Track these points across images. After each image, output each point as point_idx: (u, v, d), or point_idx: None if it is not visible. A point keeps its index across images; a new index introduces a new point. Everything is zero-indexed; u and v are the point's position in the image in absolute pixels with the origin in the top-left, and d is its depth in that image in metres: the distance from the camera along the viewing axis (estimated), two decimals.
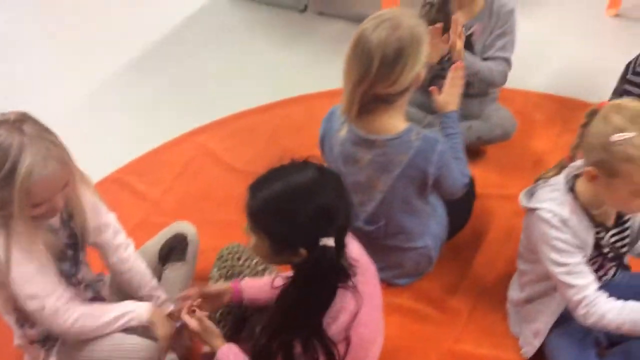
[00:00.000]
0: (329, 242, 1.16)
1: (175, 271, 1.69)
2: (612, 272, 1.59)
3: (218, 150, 2.41)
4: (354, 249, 1.32)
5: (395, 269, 1.81)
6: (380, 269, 1.78)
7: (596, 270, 1.55)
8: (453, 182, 1.65)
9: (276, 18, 3.26)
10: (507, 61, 2.15)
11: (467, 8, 2.11)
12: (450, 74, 1.67)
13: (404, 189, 1.62)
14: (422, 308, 1.79)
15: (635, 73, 1.91)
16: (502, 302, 1.75)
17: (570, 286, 1.43)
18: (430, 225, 1.78)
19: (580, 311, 1.42)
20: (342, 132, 1.60)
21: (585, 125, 1.39)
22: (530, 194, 1.53)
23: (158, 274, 1.69)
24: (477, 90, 2.22)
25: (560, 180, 1.48)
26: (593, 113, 1.38)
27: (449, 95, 1.68)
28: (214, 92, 2.77)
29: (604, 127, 1.32)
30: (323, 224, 1.17)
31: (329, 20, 3.13)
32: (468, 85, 2.20)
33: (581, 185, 1.45)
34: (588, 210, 1.45)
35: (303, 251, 1.19)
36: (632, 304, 1.41)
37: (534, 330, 1.59)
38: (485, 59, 2.14)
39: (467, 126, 2.19)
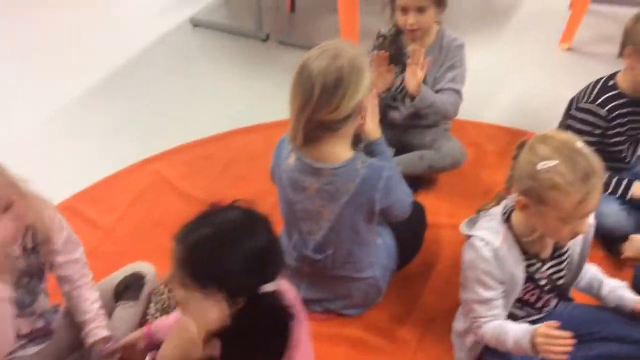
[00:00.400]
0: (270, 287, 1.16)
1: (125, 309, 1.68)
2: (553, 303, 1.63)
3: (174, 177, 2.40)
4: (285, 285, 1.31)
5: (344, 299, 1.82)
6: (329, 300, 1.83)
7: (535, 302, 1.60)
8: (401, 205, 1.70)
9: (238, 47, 3.29)
10: (458, 93, 2.21)
11: (419, 42, 2.17)
12: (370, 103, 1.70)
13: (352, 217, 1.64)
14: (370, 338, 1.80)
15: (577, 109, 1.98)
16: (450, 332, 1.77)
17: (473, 311, 1.53)
18: (378, 255, 1.80)
19: (476, 332, 1.56)
20: (291, 159, 1.63)
21: (515, 157, 1.44)
22: (473, 224, 1.57)
23: (110, 311, 1.67)
24: (430, 121, 2.28)
25: (497, 210, 1.53)
26: (522, 145, 1.43)
27: (373, 124, 1.72)
28: (173, 120, 2.77)
29: (531, 157, 1.37)
30: (260, 269, 1.16)
31: (290, 50, 3.18)
32: (422, 117, 2.27)
33: (516, 216, 1.50)
34: (521, 241, 1.49)
35: (241, 300, 1.16)
36: (505, 326, 1.49)
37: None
38: (436, 92, 2.19)
39: (420, 155, 2.24)
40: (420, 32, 2.13)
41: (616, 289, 1.60)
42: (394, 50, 2.22)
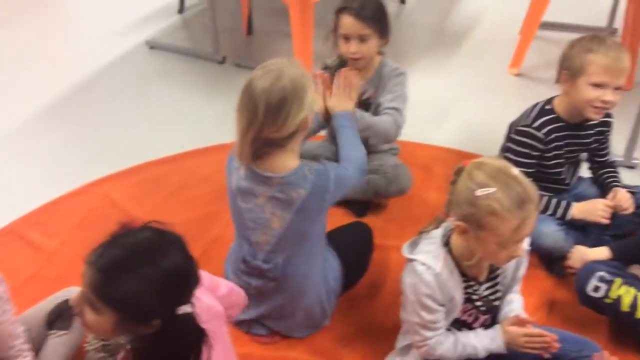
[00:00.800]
0: (186, 308, 1.15)
1: (57, 339, 1.61)
2: (488, 323, 1.65)
3: (122, 200, 2.38)
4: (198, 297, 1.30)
5: (289, 318, 1.82)
6: (275, 319, 1.82)
7: (472, 322, 1.62)
8: (349, 185, 1.77)
9: (194, 69, 3.30)
10: (397, 110, 2.16)
11: (361, 73, 2.20)
12: (336, 80, 1.77)
13: (304, 224, 1.68)
14: None
15: (516, 132, 2.03)
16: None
17: (418, 334, 1.56)
18: (325, 277, 1.81)
19: (421, 351, 1.59)
20: (241, 170, 1.67)
21: (453, 182, 1.47)
22: (414, 246, 1.59)
23: (42, 339, 1.62)
24: (374, 147, 2.31)
25: (438, 234, 1.56)
26: (459, 171, 1.46)
27: (337, 98, 1.78)
28: (127, 142, 2.76)
29: (468, 183, 1.40)
30: (175, 290, 1.15)
31: (247, 73, 3.01)
32: (364, 141, 2.30)
33: (455, 240, 1.53)
34: (460, 264, 1.52)
35: (156, 322, 1.15)
36: (464, 340, 1.57)
37: None
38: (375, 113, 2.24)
39: (366, 180, 2.26)
40: (363, 61, 2.16)
41: (513, 311, 1.62)
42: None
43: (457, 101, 3.05)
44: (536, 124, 1.98)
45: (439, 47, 3.51)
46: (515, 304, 1.66)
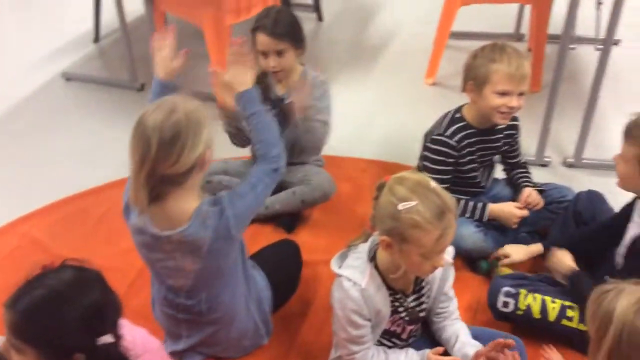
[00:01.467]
0: (107, 339, 1.15)
1: None
2: (416, 332, 1.70)
3: (44, 238, 2.31)
4: (130, 333, 1.31)
5: (223, 343, 1.81)
6: (209, 345, 1.80)
7: (401, 333, 1.67)
8: (256, 205, 1.69)
9: (113, 98, 3.25)
10: (326, 123, 2.30)
11: (284, 82, 2.26)
12: (230, 51, 1.72)
13: (217, 260, 1.64)
14: None
15: (431, 140, 2.11)
16: None
17: (345, 348, 1.59)
18: (254, 298, 1.81)
19: None
20: (140, 224, 1.60)
21: (376, 198, 1.50)
22: (343, 259, 1.61)
23: None
24: (299, 159, 2.35)
25: (365, 248, 1.58)
26: (381, 187, 1.49)
27: (234, 75, 1.73)
28: (48, 177, 2.68)
29: (390, 198, 1.44)
30: (96, 324, 1.17)
31: None
32: (290, 153, 2.34)
33: (380, 253, 1.56)
34: (386, 277, 1.56)
35: (80, 356, 1.17)
36: (392, 357, 1.61)
37: None
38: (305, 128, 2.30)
39: (292, 191, 2.30)
40: (283, 74, 2.23)
41: (465, 345, 1.66)
42: (262, 90, 2.28)
43: (378, 113, 3.12)
44: (448, 132, 2.06)
45: (358, 61, 3.59)
46: (463, 337, 1.68)
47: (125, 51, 3.24)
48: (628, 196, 1.86)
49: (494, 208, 2.11)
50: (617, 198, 1.98)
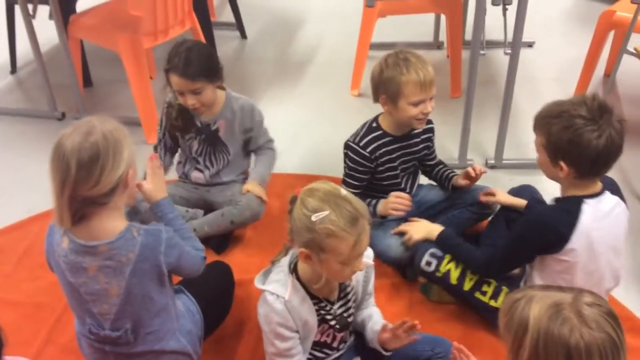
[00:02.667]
0: None
1: None
2: (346, 339, 1.71)
3: None
4: None
5: None
6: None
7: (331, 342, 1.67)
8: (191, 261, 1.71)
9: (34, 129, 3.15)
10: (271, 141, 2.43)
11: (208, 111, 2.24)
12: (148, 165, 1.77)
13: (142, 285, 1.61)
14: None
15: (348, 147, 2.15)
16: None
17: None
18: (182, 323, 1.78)
19: None
20: (64, 243, 1.57)
21: (290, 211, 1.51)
22: (267, 275, 1.62)
23: None
24: (225, 178, 2.37)
25: (285, 261, 1.59)
26: (293, 200, 1.51)
27: (154, 184, 1.76)
28: None
29: (303, 210, 1.45)
30: None
31: None
32: (217, 175, 2.34)
33: (301, 265, 1.57)
34: (309, 287, 1.56)
35: None
36: None
37: None
38: (254, 151, 2.39)
39: (221, 213, 2.29)
40: (204, 108, 2.21)
41: (377, 323, 1.71)
42: (183, 117, 2.27)
43: (305, 127, 3.14)
44: (362, 142, 2.10)
45: (284, 77, 3.61)
46: (375, 316, 1.73)
47: (43, 81, 3.15)
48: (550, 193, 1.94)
49: (380, 203, 2.14)
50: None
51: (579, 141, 1.58)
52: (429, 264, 1.95)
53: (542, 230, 1.68)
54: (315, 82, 3.55)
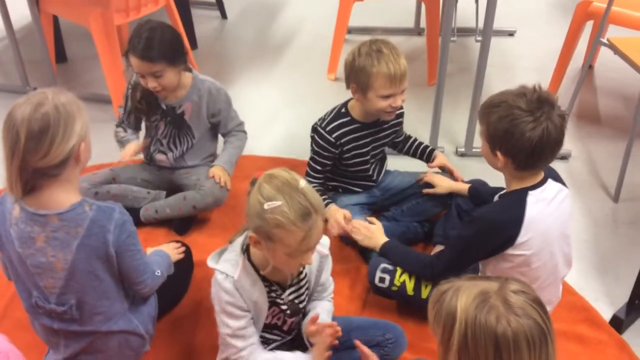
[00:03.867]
0: None
1: None
2: (297, 325, 1.71)
3: None
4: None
5: (104, 351, 1.75)
6: (90, 353, 1.73)
7: (282, 325, 1.67)
8: (140, 267, 1.67)
9: (5, 104, 3.06)
10: (241, 124, 2.40)
11: (173, 94, 2.23)
12: None
13: (87, 262, 1.60)
14: None
15: (314, 130, 2.13)
16: None
17: (230, 346, 1.57)
18: (135, 305, 1.77)
19: None
20: (16, 211, 1.57)
21: (248, 193, 1.50)
22: (220, 255, 1.61)
23: None
24: (190, 162, 2.34)
25: (239, 241, 1.58)
26: (253, 183, 1.49)
27: None
28: None
29: (258, 196, 1.43)
30: None
31: None
32: (182, 158, 2.32)
33: (251, 247, 1.55)
34: (260, 270, 1.56)
35: None
36: (280, 355, 1.60)
37: None
38: (224, 135, 2.37)
39: (183, 196, 2.27)
40: (167, 91, 2.18)
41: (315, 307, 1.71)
42: (147, 99, 2.24)
43: (280, 110, 3.12)
44: (329, 127, 2.09)
45: (262, 58, 3.58)
46: (319, 309, 1.70)
47: (15, 56, 3.11)
48: None
49: (330, 211, 2.08)
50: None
51: (513, 132, 1.56)
52: (382, 280, 1.91)
53: (489, 236, 1.65)
54: (292, 65, 3.53)
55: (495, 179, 1.99)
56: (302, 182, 1.46)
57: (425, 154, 2.30)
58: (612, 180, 2.57)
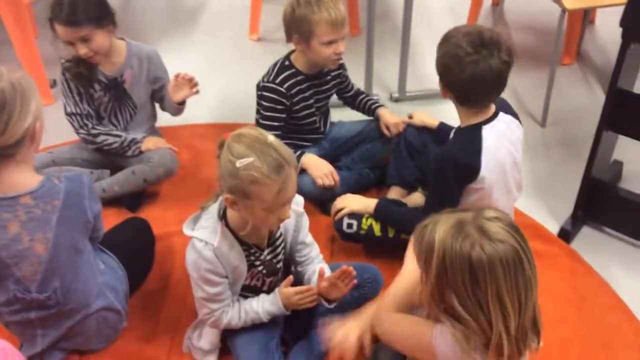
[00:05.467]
0: None
1: None
2: (276, 284, 1.71)
3: None
4: None
5: (83, 333, 1.71)
6: (68, 338, 1.70)
7: (261, 286, 1.70)
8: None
9: None
10: None
11: (107, 61, 2.14)
12: None
13: (69, 235, 1.57)
14: None
15: (262, 88, 2.13)
16: None
17: (205, 307, 1.62)
18: (106, 280, 1.74)
19: (208, 323, 1.66)
20: None
21: (218, 157, 1.48)
22: (195, 222, 1.59)
23: None
24: (134, 133, 2.28)
25: (215, 208, 1.57)
26: (222, 145, 1.48)
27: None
28: None
29: (229, 156, 1.43)
30: None
31: None
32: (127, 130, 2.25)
33: (230, 211, 1.55)
34: (238, 234, 1.56)
35: None
36: (246, 306, 1.65)
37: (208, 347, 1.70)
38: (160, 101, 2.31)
39: (132, 171, 2.21)
40: (99, 56, 2.10)
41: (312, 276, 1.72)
42: (85, 70, 2.14)
43: (206, 76, 3.02)
44: (278, 79, 2.08)
45: (177, 26, 3.48)
46: (317, 266, 1.71)
47: None
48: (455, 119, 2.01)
49: (308, 160, 2.12)
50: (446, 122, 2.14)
51: (452, 67, 1.62)
52: (350, 226, 1.96)
53: (455, 167, 1.71)
54: (211, 29, 3.45)
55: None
56: (271, 137, 1.47)
57: (370, 110, 2.33)
58: (538, 107, 2.73)
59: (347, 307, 1.68)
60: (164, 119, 2.36)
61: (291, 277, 1.65)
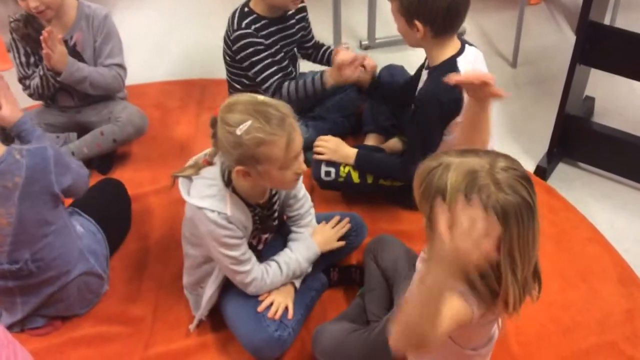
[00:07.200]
0: None
1: None
2: (269, 240, 1.70)
3: None
4: None
5: (65, 299, 1.68)
6: (49, 306, 1.67)
7: (257, 244, 1.66)
8: (79, 180, 1.64)
9: None
10: (119, 66, 2.16)
11: (57, 21, 2.04)
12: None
13: (35, 210, 1.51)
14: (104, 330, 1.71)
15: (232, 40, 2.04)
16: (182, 291, 1.75)
17: (239, 272, 1.55)
18: (85, 243, 1.70)
19: (252, 289, 1.58)
20: None
21: (214, 135, 1.43)
22: (189, 183, 1.52)
23: None
24: (98, 97, 2.18)
25: (216, 174, 1.50)
26: (214, 122, 1.42)
27: (10, 106, 1.69)
28: None
29: (226, 128, 1.38)
30: None
31: None
32: (87, 95, 2.16)
33: (237, 180, 1.49)
34: (246, 199, 1.52)
35: None
36: (285, 259, 1.63)
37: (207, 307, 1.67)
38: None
39: (99, 132, 2.14)
40: (51, 11, 1.99)
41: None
42: (33, 32, 2.05)
43: (170, 33, 2.98)
44: (242, 25, 2.00)
45: None
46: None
47: None
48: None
49: (331, 72, 2.02)
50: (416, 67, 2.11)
51: None
52: (328, 173, 1.94)
53: (440, 106, 1.69)
54: None
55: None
56: (260, 96, 1.43)
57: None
58: (507, 48, 2.72)
59: (334, 257, 1.71)
60: (128, 77, 2.28)
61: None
